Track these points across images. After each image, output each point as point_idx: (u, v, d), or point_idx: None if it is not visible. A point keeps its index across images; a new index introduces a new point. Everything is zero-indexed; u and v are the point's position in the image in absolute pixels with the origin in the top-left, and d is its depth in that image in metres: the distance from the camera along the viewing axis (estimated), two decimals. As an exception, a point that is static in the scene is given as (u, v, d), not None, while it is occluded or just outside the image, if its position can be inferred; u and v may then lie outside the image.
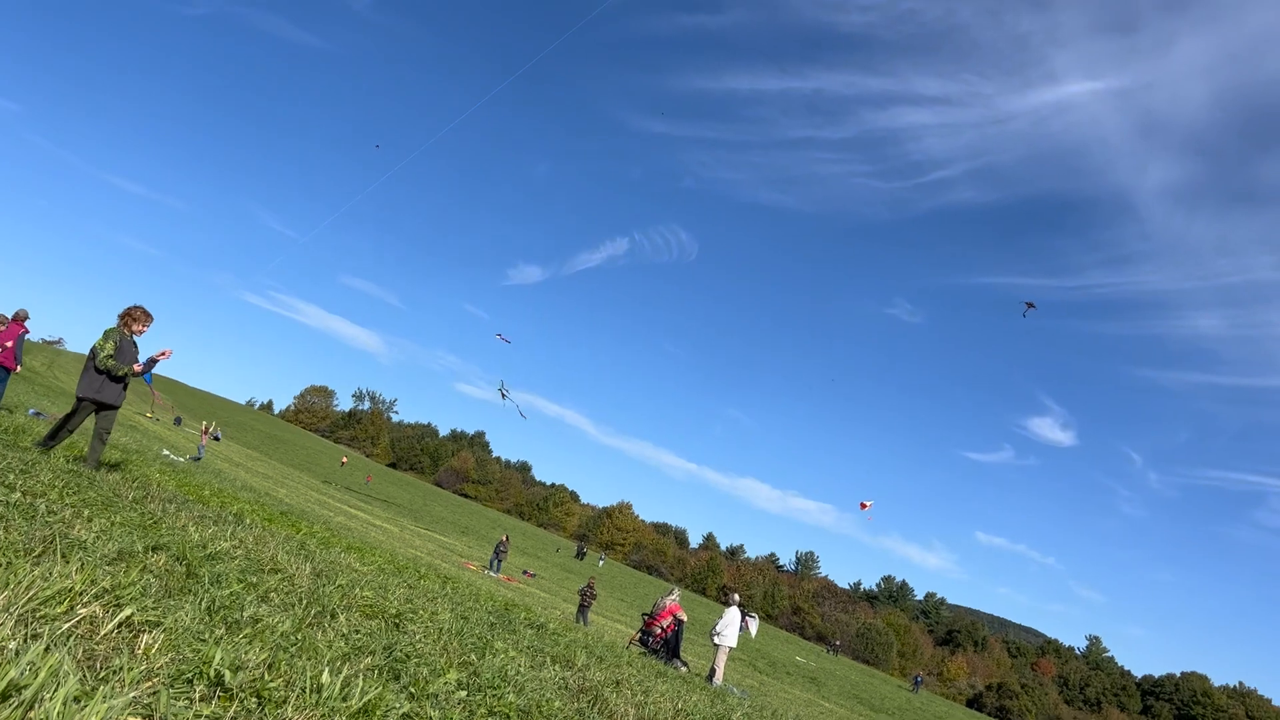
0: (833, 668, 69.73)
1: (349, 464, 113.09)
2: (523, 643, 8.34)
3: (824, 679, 52.17)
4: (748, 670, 36.43)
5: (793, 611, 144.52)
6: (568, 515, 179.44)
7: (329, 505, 37.80)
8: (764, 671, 40.09)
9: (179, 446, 38.52)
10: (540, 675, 6.33)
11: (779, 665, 47.29)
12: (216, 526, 8.06)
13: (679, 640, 20.93)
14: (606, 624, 34.11)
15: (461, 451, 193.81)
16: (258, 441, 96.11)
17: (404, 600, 7.72)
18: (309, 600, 5.56)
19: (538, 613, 17.13)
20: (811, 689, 43.16)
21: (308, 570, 7.12)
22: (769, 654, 52.02)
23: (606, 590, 55.97)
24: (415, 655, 5.09)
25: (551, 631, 11.90)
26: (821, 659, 77.22)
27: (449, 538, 55.08)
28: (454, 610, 8.58)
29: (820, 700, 38.81)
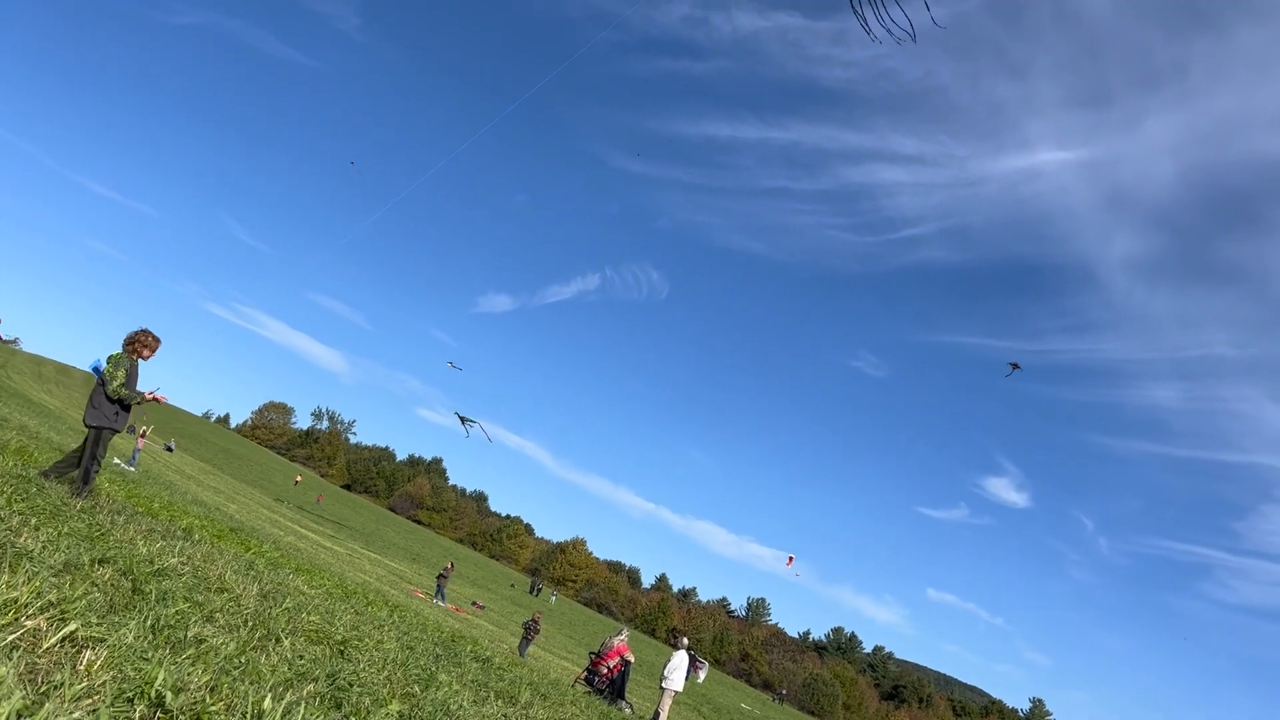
0: (778, 717, 69.39)
1: (303, 483, 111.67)
2: (467, 676, 8.29)
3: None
4: (692, 715, 36.18)
5: (741, 658, 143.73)
6: (521, 548, 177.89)
7: (280, 524, 37.26)
8: (708, 718, 39.83)
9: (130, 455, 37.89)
10: (483, 711, 6.31)
11: (724, 711, 46.99)
12: (165, 541, 7.97)
13: (625, 681, 20.82)
14: (553, 660, 33.77)
15: (418, 477, 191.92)
16: (211, 455, 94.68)
17: (350, 627, 7.66)
18: (254, 623, 5.52)
19: (484, 645, 16.99)
20: (755, 737, 42.90)
21: (255, 591, 7.07)
22: (714, 700, 51.71)
23: (556, 626, 55.52)
24: (358, 684, 5.07)
25: (497, 666, 11.82)
26: (767, 707, 76.83)
27: (399, 564, 54.39)
28: (400, 640, 8.53)
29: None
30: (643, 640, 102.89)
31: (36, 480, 8.90)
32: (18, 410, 31.03)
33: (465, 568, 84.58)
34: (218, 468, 76.26)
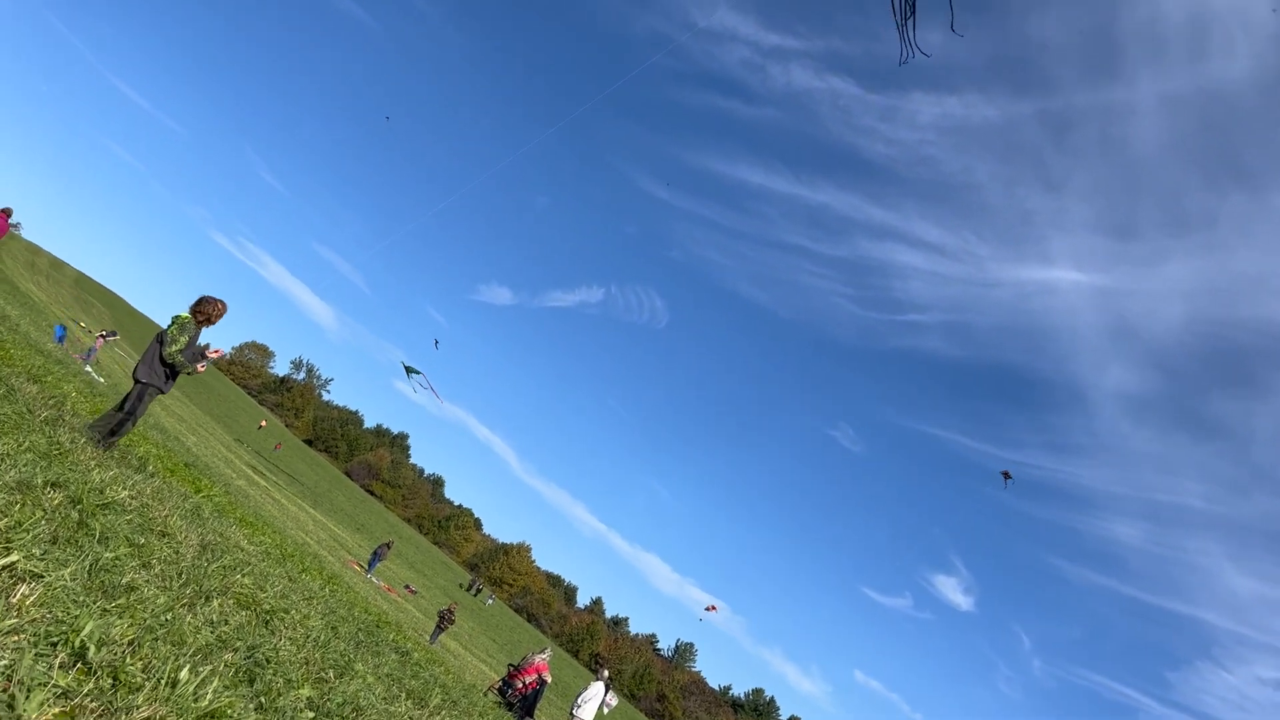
0: (679, 765, 68.94)
1: (266, 429, 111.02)
2: (384, 668, 8.29)
3: (668, 774, 51.54)
4: (596, 746, 36.01)
5: (658, 698, 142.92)
6: (466, 540, 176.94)
7: (235, 466, 37.06)
8: (612, 751, 39.61)
9: (104, 365, 37.72)
10: (391, 710, 6.32)
11: (628, 748, 46.74)
12: (118, 470, 7.98)
13: (537, 700, 20.72)
14: (472, 661, 33.60)
15: (380, 448, 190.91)
16: (182, 381, 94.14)
17: (280, 595, 7.66)
18: (189, 577, 5.54)
19: (408, 635, 16.94)
20: (653, 781, 42.62)
21: (195, 541, 7.08)
22: (621, 734, 51.38)
23: (483, 628, 55.20)
24: (276, 661, 5.09)
25: (414, 661, 11.80)
26: (671, 753, 76.33)
27: (342, 530, 54.09)
28: (326, 618, 8.53)
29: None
30: (564, 660, 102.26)
31: (5, 381, 8.90)
32: (2, 297, 30.87)
33: (406, 548, 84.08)
34: (185, 395, 75.80)
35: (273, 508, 30.94)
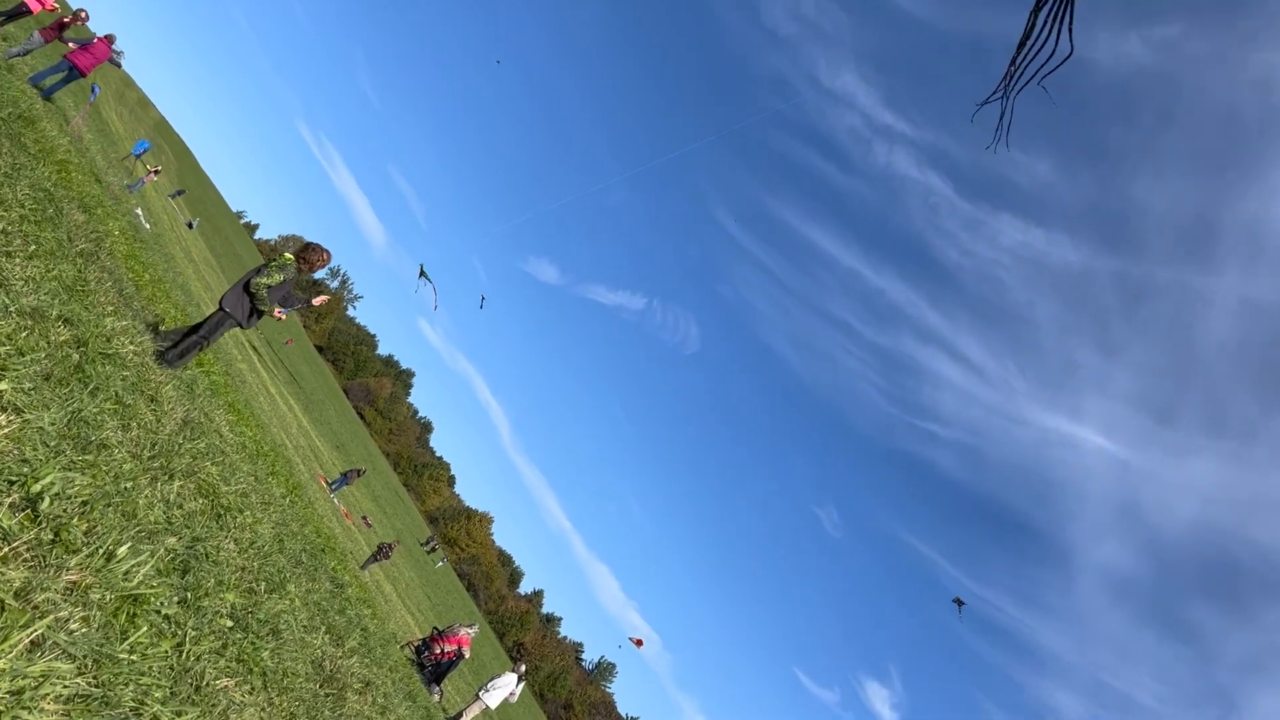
0: (563, 777, 68.54)
1: (284, 322, 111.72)
2: (314, 595, 8.30)
3: (549, 782, 51.26)
4: (490, 732, 35.82)
5: (564, 705, 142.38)
6: (435, 493, 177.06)
7: (242, 347, 37.25)
8: (503, 742, 39.40)
9: (154, 213, 38.06)
10: (306, 640, 6.32)
11: (519, 745, 46.52)
12: (130, 323, 8.04)
13: (449, 670, 20.66)
14: (400, 611, 33.50)
15: (384, 378, 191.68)
16: (223, 251, 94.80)
17: (241, 494, 7.69)
18: (161, 452, 5.57)
19: (349, 567, 16.93)
20: (532, 784, 42.39)
21: (180, 415, 7.12)
22: (518, 729, 51.17)
23: (422, 582, 55.10)
24: (214, 560, 5.11)
25: (346, 596, 11.81)
26: (559, 763, 75.91)
27: (323, 443, 54.24)
28: (277, 529, 8.55)
29: (532, 799, 38.10)
30: (489, 639, 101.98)
31: (58, 204, 8.99)
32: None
33: (375, 480, 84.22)
34: (220, 266, 76.36)
35: (264, 400, 31.04)
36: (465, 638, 21.16)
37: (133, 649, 3.18)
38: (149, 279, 14.25)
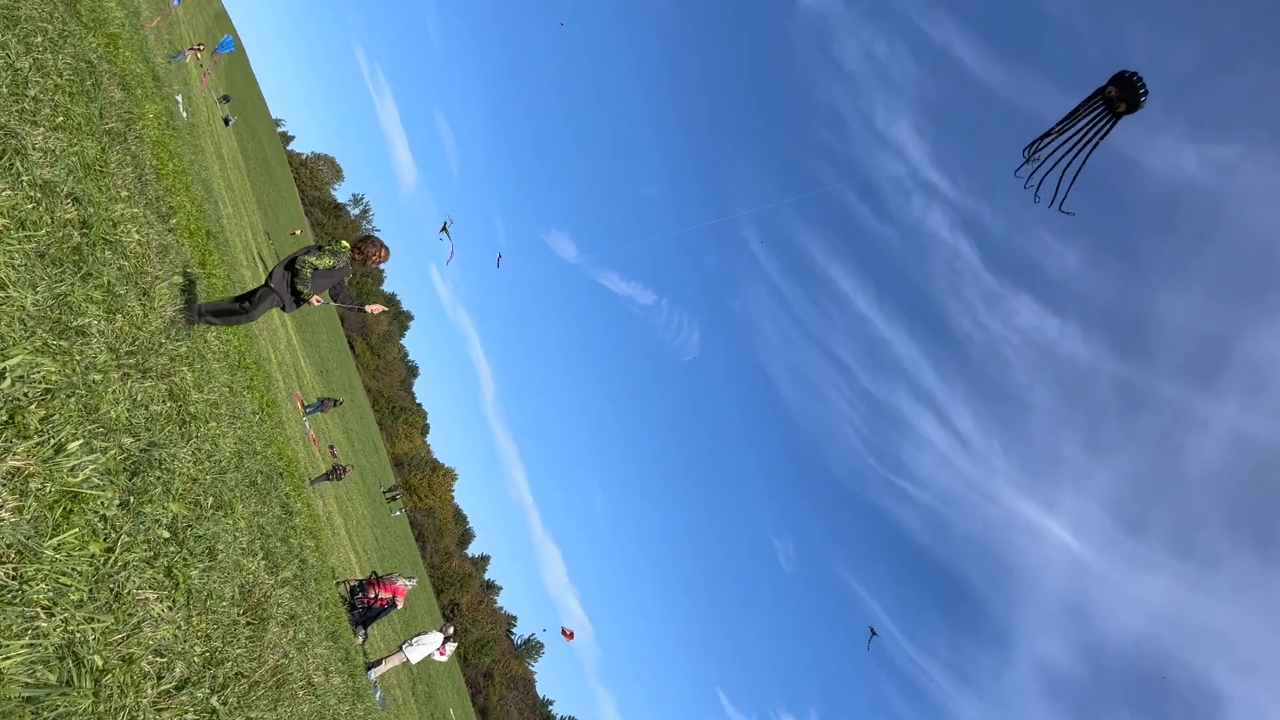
0: (467, 744, 68.54)
1: (299, 239, 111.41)
2: (260, 519, 8.27)
3: (452, 746, 51.25)
4: (406, 684, 35.74)
5: (485, 674, 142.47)
6: (406, 437, 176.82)
7: (250, 254, 37.13)
8: (418, 697, 39.31)
9: (193, 102, 37.85)
10: (242, 564, 6.29)
11: (435, 704, 46.42)
12: (141, 211, 7.99)
13: (379, 617, 20.64)
14: (343, 547, 33.42)
15: (383, 315, 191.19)
16: (254, 155, 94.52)
17: (211, 404, 7.66)
18: (140, 349, 5.54)
19: (302, 495, 16.88)
20: (436, 744, 42.32)
21: (169, 314, 7.08)
22: (434, 689, 51.16)
23: (373, 522, 54.97)
24: (167, 467, 5.08)
25: (293, 524, 11.77)
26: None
27: (308, 365, 54.14)
28: (239, 446, 8.51)
29: (432, 759, 38.02)
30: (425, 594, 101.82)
31: (98, 77, 8.92)
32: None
33: (351, 413, 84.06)
34: (248, 169, 76.08)
35: (260, 311, 30.92)
36: (402, 588, 21.12)
37: (60, 546, 3.15)
38: (172, 169, 14.16)
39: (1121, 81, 4.90)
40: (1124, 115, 4.94)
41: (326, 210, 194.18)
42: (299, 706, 6.43)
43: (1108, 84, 4.96)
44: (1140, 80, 4.84)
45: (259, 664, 5.55)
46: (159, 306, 6.76)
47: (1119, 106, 4.93)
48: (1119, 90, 4.92)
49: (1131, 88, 4.87)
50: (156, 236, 8.07)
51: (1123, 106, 4.90)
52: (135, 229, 7.05)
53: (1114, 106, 4.97)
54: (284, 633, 7.00)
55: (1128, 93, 4.88)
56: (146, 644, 3.73)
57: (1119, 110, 4.93)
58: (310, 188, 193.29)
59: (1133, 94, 4.85)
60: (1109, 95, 4.95)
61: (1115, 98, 4.94)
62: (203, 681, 4.30)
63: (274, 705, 5.52)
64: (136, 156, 9.42)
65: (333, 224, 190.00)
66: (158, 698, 3.67)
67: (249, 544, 6.91)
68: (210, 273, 13.72)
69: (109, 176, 7.00)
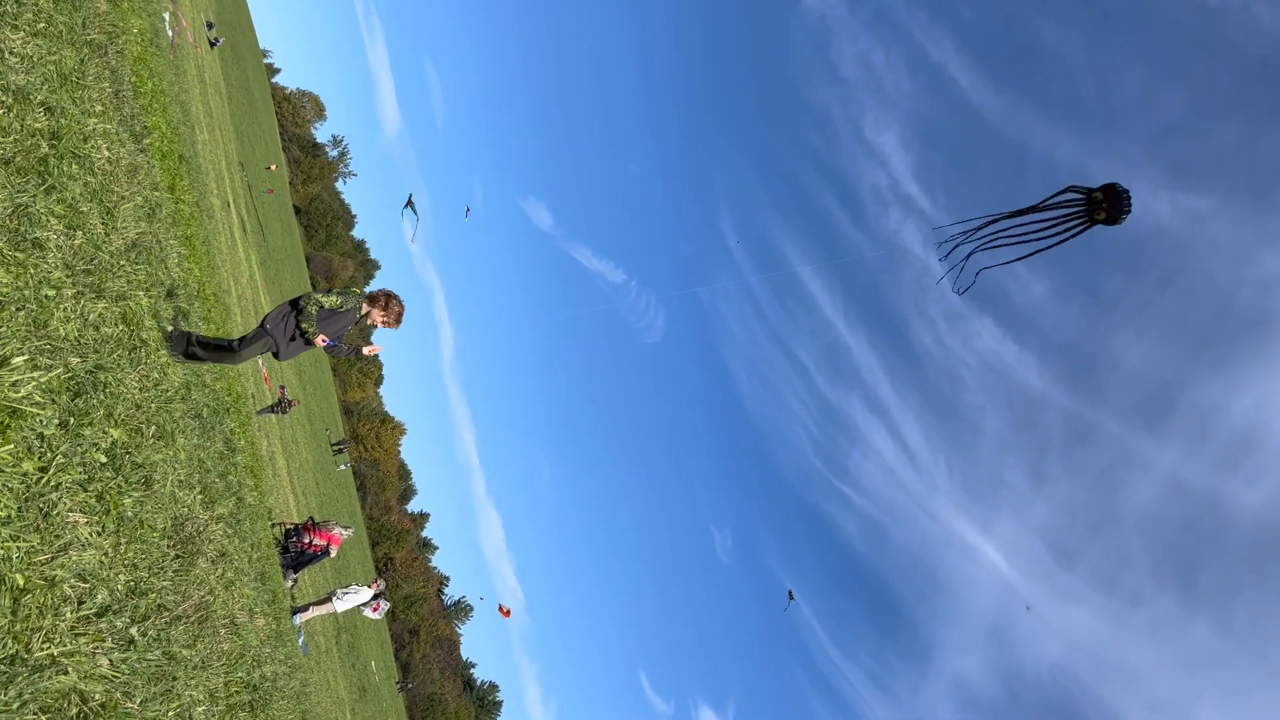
0: (386, 699, 68.49)
1: (273, 174, 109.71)
2: (202, 453, 8.18)
3: (371, 699, 51.16)
4: (330, 632, 35.60)
5: (411, 630, 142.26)
6: (359, 386, 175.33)
7: (222, 183, 36.48)
8: (341, 647, 39.18)
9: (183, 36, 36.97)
10: (178, 496, 6.23)
11: (356, 654, 46.27)
12: (115, 128, 7.84)
13: (310, 563, 20.52)
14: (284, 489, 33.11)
15: (349, 260, 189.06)
16: (236, 81, 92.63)
17: (165, 334, 7.55)
18: (98, 269, 5.45)
19: (246, 432, 16.68)
20: (355, 694, 42.24)
21: (131, 236, 6.96)
22: (359, 641, 51.01)
23: (316, 467, 54.52)
24: (111, 390, 5.01)
25: (234, 461, 11.66)
26: (387, 683, 75.82)
27: (269, 302, 53.40)
28: (188, 377, 8.40)
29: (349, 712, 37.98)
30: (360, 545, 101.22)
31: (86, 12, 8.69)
32: None
33: (305, 356, 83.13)
34: (230, 96, 74.58)
35: (225, 241, 30.45)
36: (337, 537, 21.01)
37: (-7, 461, 3.11)
38: (151, 88, 13.85)
39: (1112, 194, 4.95)
40: (1099, 224, 5.00)
41: (304, 148, 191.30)
42: (219, 644, 6.39)
43: (1097, 189, 5.02)
44: (1129, 199, 4.90)
45: (183, 598, 5.51)
46: (121, 227, 6.64)
47: (1099, 214, 4.98)
48: (1106, 199, 4.97)
49: (1118, 202, 4.93)
50: (127, 155, 7.93)
51: (1102, 215, 4.96)
52: (106, 145, 6.91)
53: (1094, 212, 5.02)
54: (212, 569, 6.95)
55: (1113, 205, 4.94)
56: (71, 567, 3.70)
57: (1097, 217, 4.99)
58: (291, 123, 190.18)
59: (1116, 208, 4.91)
60: (1094, 199, 5.01)
61: (1099, 203, 4.99)
62: (124, 610, 4.26)
63: (194, 641, 5.49)
64: (115, 71, 9.22)
65: (309, 163, 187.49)
66: (76, 623, 3.64)
67: (187, 476, 6.84)
68: (181, 198, 13.50)
69: (85, 89, 6.85)
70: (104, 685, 3.73)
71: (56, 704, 3.27)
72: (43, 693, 3.18)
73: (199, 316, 11.87)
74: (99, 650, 3.77)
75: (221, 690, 6.01)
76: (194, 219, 15.97)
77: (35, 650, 3.24)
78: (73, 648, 3.52)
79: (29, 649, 3.20)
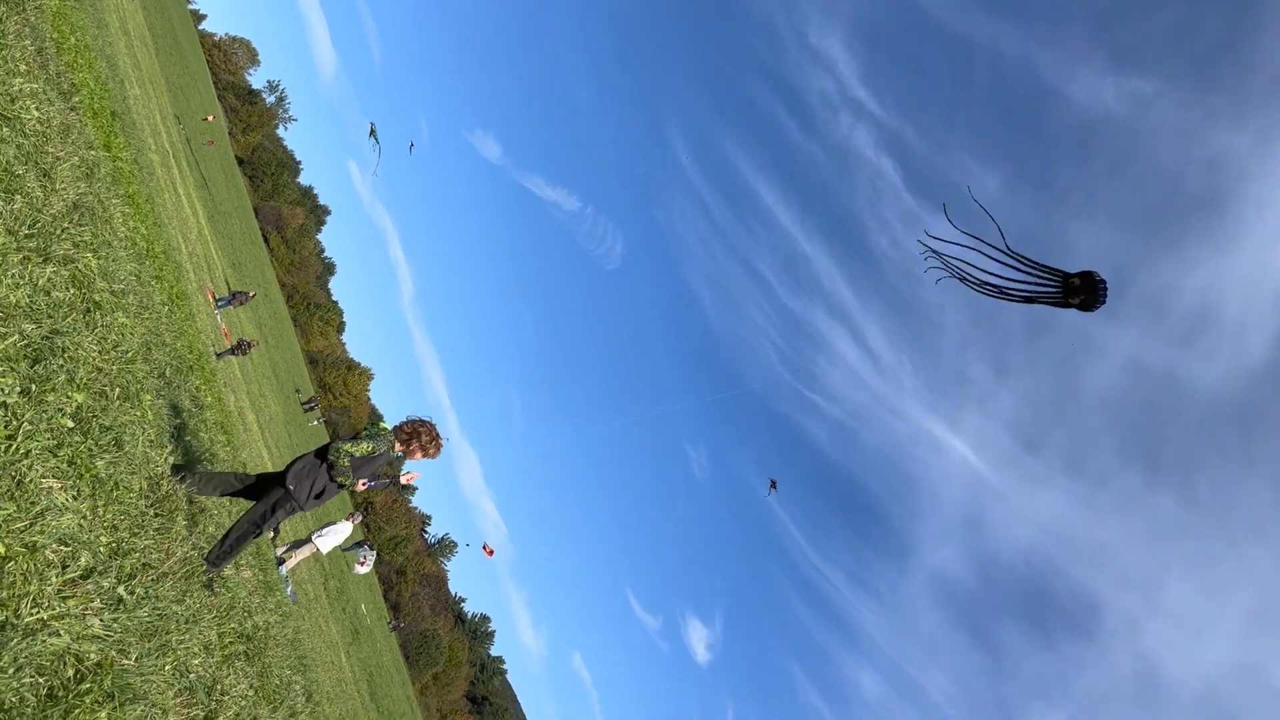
0: (380, 639, 69.42)
1: (211, 125, 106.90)
2: (170, 413, 8.13)
3: (364, 640, 51.82)
4: (318, 579, 35.85)
5: (398, 571, 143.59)
6: (321, 335, 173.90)
7: (159, 138, 35.51)
8: (329, 592, 39.50)
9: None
10: (150, 456, 6.21)
11: (344, 597, 46.72)
12: (43, 86, 7.58)
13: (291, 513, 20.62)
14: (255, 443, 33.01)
15: (298, 208, 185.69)
16: (161, 31, 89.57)
17: (117, 293, 7.42)
18: (41, 232, 5.33)
19: (214, 390, 16.57)
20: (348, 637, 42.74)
21: (71, 197, 6.79)
22: (347, 585, 51.44)
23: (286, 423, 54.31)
24: (69, 357, 4.95)
25: (204, 419, 11.61)
26: (379, 624, 76.77)
27: (220, 257, 52.54)
28: (147, 337, 8.30)
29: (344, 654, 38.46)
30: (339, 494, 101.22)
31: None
32: None
33: (264, 308, 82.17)
34: (157, 49, 72.18)
35: (169, 198, 29.74)
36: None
37: (-41, 432, 3.07)
38: (74, 43, 13.38)
39: (1090, 282, 4.96)
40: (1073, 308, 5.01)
41: (241, 96, 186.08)
42: (208, 598, 6.44)
43: (1075, 274, 5.02)
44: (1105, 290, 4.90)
45: (167, 555, 5.54)
46: (60, 189, 6.48)
47: (1074, 299, 4.98)
48: (1083, 286, 4.98)
49: (1094, 292, 4.93)
50: (58, 115, 7.69)
51: (1076, 301, 4.96)
52: (35, 105, 6.71)
53: (1070, 295, 5.02)
54: (193, 525, 6.96)
55: (1089, 295, 4.94)
56: (50, 532, 3.70)
57: (1071, 301, 4.99)
58: (224, 71, 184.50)
59: (1092, 298, 4.92)
60: (1071, 284, 5.02)
61: (1076, 289, 5.00)
62: (109, 571, 4.28)
63: (182, 596, 5.53)
64: (36, 28, 8.90)
65: (246, 110, 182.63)
66: (62, 585, 3.66)
67: (157, 436, 6.81)
68: (116, 155, 13.17)
69: (6, 49, 6.62)
70: (98, 645, 3.77)
71: (52, 665, 3.30)
72: (37, 655, 3.20)
73: (151, 273, 11.66)
74: (89, 611, 3.79)
75: (216, 642, 6.07)
76: (134, 176, 15.62)
77: (25, 615, 3.26)
78: (62, 610, 3.54)
79: (18, 614, 3.22)
